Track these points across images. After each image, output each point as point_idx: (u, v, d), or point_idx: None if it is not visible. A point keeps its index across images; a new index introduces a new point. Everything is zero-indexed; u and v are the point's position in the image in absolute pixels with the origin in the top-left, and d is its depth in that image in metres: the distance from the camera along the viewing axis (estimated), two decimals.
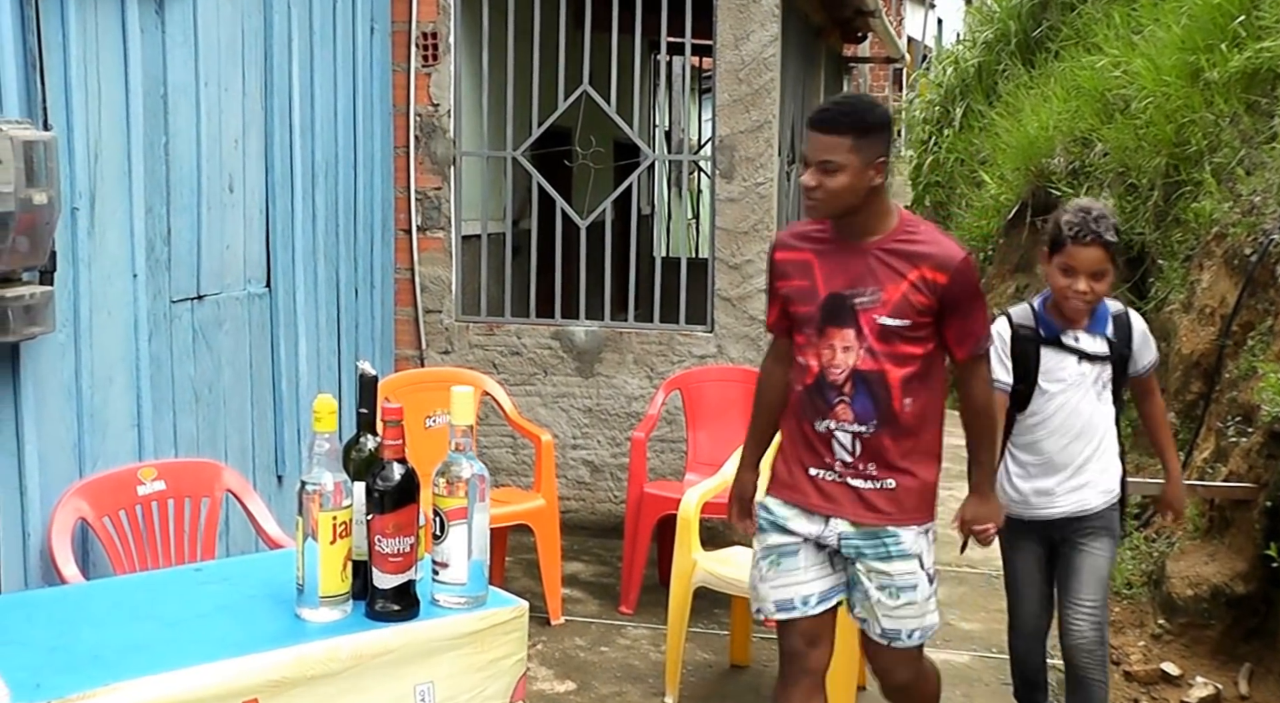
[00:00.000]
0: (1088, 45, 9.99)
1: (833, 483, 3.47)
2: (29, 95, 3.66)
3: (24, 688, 2.04)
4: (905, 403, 3.39)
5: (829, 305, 3.41)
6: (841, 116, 3.32)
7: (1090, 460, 3.95)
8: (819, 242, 3.48)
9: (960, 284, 3.37)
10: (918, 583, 3.48)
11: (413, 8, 6.32)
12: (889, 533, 3.43)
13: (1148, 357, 4.02)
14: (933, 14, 24.30)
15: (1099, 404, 3.94)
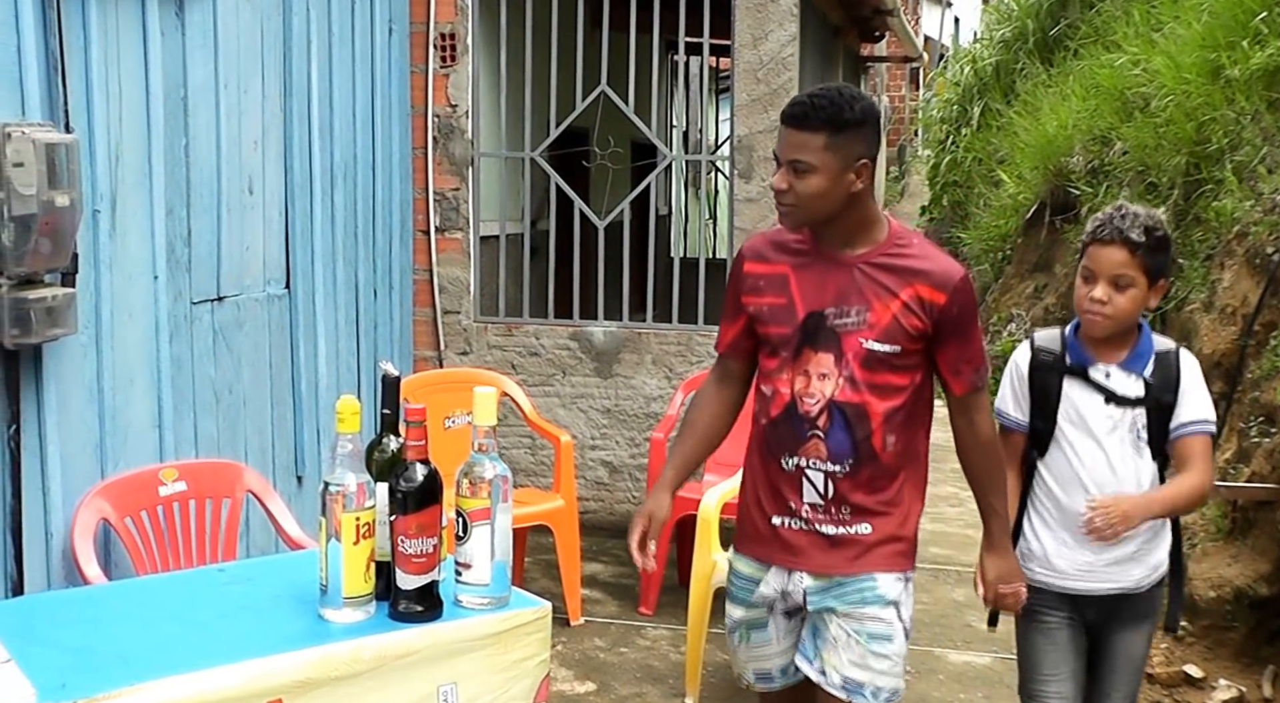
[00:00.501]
0: (1107, 43, 9.95)
1: (798, 532, 3.05)
2: (51, 98, 3.68)
3: (50, 688, 2.04)
4: (888, 441, 3.00)
5: (808, 326, 3.00)
6: (815, 110, 2.89)
7: (1136, 528, 3.23)
8: (797, 253, 3.06)
9: (959, 306, 2.98)
10: (893, 634, 3.04)
11: (431, 9, 6.33)
12: (865, 578, 3.02)
13: (1197, 411, 3.24)
14: (950, 12, 24.26)
15: (1139, 459, 3.25)
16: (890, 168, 22.44)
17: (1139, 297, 3.20)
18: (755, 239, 3.19)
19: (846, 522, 3.02)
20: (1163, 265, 3.20)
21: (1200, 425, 3.25)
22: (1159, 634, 5.42)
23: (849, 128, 2.89)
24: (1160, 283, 3.22)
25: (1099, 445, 3.26)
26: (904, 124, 22.65)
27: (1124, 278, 3.17)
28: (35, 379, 3.66)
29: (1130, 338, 3.27)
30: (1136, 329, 3.28)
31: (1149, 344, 3.28)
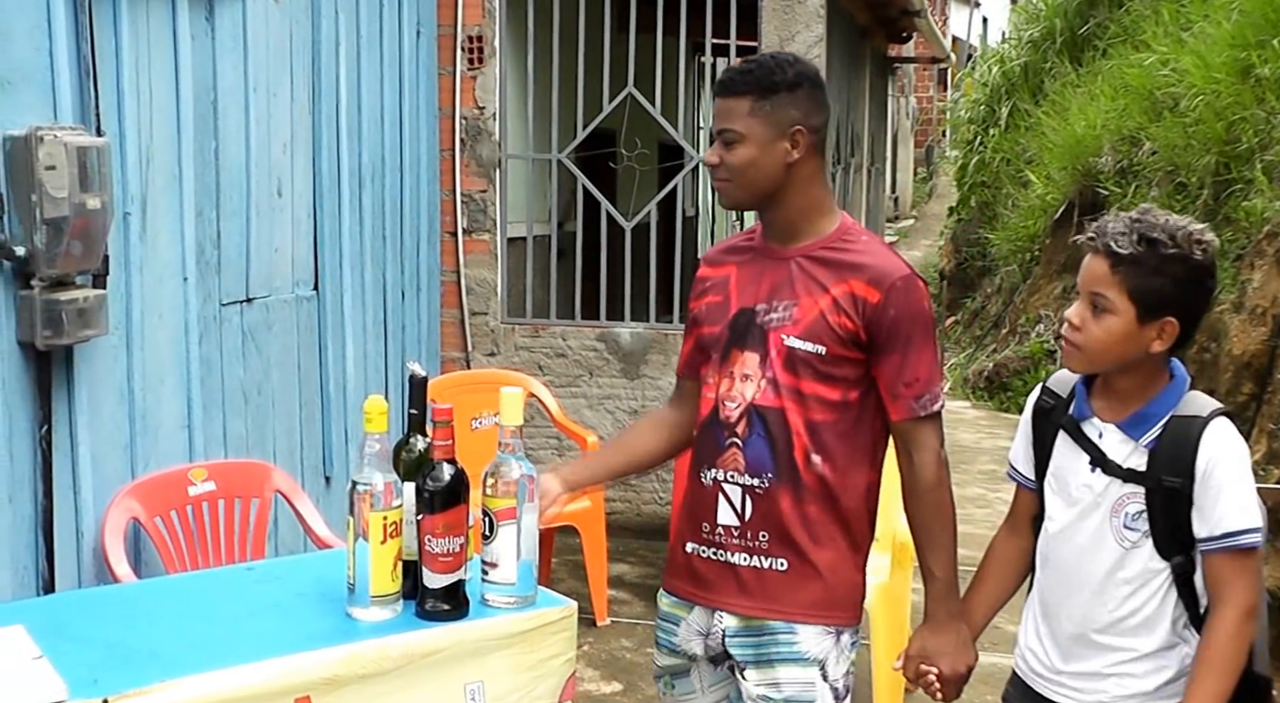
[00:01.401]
0: (1136, 43, 9.94)
1: (712, 562, 2.72)
2: (83, 102, 3.71)
3: (81, 684, 2.07)
4: (812, 460, 2.64)
5: (737, 323, 2.72)
6: (742, 75, 2.64)
7: (1112, 642, 2.53)
8: (743, 252, 2.82)
9: (898, 308, 2.61)
10: (814, 698, 2.66)
11: (458, 11, 6.36)
12: (785, 628, 2.67)
13: (1223, 518, 2.39)
14: (978, 13, 24.20)
15: (1127, 552, 2.49)
16: (918, 169, 22.41)
17: (1119, 329, 2.44)
18: (713, 247, 2.96)
19: (763, 551, 2.67)
20: (1163, 294, 2.41)
21: (1226, 541, 2.40)
22: None
23: (779, 91, 2.62)
24: (1161, 320, 2.42)
25: (1073, 522, 2.58)
26: (931, 125, 22.61)
27: (1101, 299, 2.45)
28: (67, 380, 3.69)
29: (1146, 389, 2.50)
30: (1163, 378, 2.51)
31: (1167, 403, 2.48)
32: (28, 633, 2.28)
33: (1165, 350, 2.46)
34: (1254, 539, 2.37)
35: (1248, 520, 2.38)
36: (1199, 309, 2.47)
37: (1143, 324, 2.42)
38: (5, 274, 3.45)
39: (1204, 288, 2.45)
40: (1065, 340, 2.53)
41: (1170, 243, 2.39)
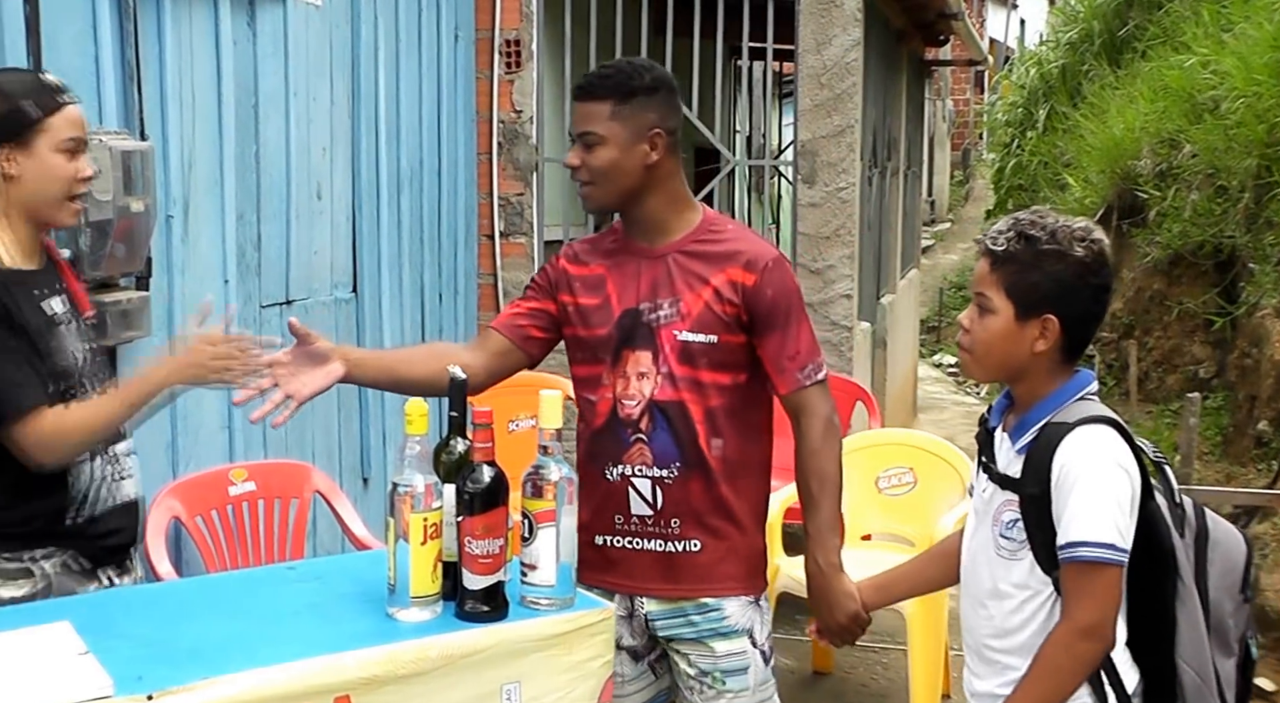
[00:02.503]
0: (1176, 44, 9.87)
1: (627, 551, 2.85)
2: (127, 106, 3.76)
3: (126, 680, 2.08)
4: (713, 444, 2.79)
5: (624, 323, 2.82)
6: (601, 80, 2.77)
7: (1002, 659, 2.45)
8: (610, 252, 2.91)
9: (773, 287, 2.77)
10: (749, 664, 2.86)
11: (496, 16, 6.38)
12: (709, 606, 2.84)
13: (1071, 527, 2.29)
14: (1015, 15, 24.09)
15: (1006, 562, 2.44)
16: (954, 172, 22.32)
17: (999, 329, 2.40)
18: (575, 243, 3.04)
19: (676, 536, 2.82)
20: (1040, 291, 2.36)
21: (1066, 551, 2.30)
22: None
23: (638, 95, 2.76)
24: (1041, 317, 2.37)
25: (972, 531, 2.57)
26: (968, 128, 22.52)
27: (983, 299, 2.43)
28: None
29: (1036, 395, 2.45)
30: (1053, 384, 2.43)
31: (1046, 408, 2.42)
32: (73, 629, 2.30)
33: (1052, 352, 2.40)
34: (1094, 554, 2.26)
35: (1088, 532, 2.27)
36: (1083, 308, 2.39)
37: (1021, 323, 2.39)
38: None
39: (1086, 285, 2.37)
40: (958, 345, 2.52)
41: (1047, 239, 2.36)
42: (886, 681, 5.04)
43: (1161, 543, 2.39)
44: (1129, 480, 2.32)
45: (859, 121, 6.29)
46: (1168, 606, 2.39)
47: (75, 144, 2.70)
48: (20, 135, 2.64)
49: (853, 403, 5.90)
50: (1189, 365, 8.31)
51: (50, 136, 2.66)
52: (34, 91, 2.67)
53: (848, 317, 6.24)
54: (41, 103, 2.66)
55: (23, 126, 2.64)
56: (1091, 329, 2.46)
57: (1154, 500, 2.41)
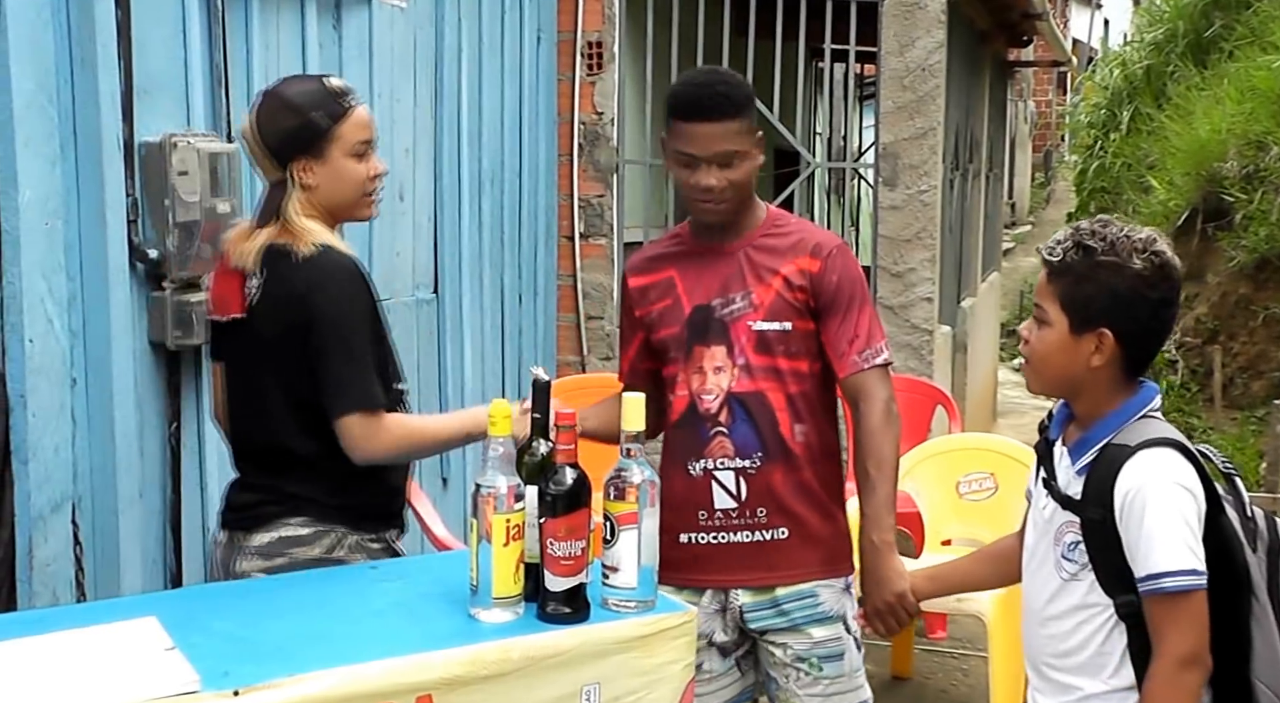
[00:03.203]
0: (1264, 44, 9.73)
1: (713, 545, 2.89)
2: (214, 109, 3.81)
3: (213, 676, 2.11)
4: (796, 430, 2.86)
5: (695, 320, 2.90)
6: (724, 97, 2.80)
7: (1063, 678, 2.42)
8: (678, 255, 2.99)
9: (837, 272, 2.86)
10: (844, 650, 2.92)
11: (578, 18, 6.40)
12: (806, 593, 2.89)
13: (1148, 560, 2.23)
14: (1099, 14, 23.80)
15: (1067, 584, 2.39)
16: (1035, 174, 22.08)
17: (1054, 341, 2.36)
18: (631, 259, 3.14)
19: (763, 525, 2.87)
20: (1095, 304, 2.31)
21: (1149, 584, 2.24)
22: None
23: (750, 105, 2.87)
24: (1096, 331, 2.31)
25: (1033, 546, 2.50)
26: (1050, 129, 22.27)
27: (1040, 311, 2.39)
28: (195, 379, 3.78)
29: (1095, 412, 2.38)
30: (1115, 401, 2.36)
31: (1107, 428, 2.34)
32: (160, 624, 2.33)
33: (1110, 367, 2.34)
34: (1180, 583, 2.21)
35: (1169, 562, 2.21)
36: (1142, 323, 2.32)
37: (1076, 336, 2.33)
38: (138, 276, 3.55)
39: (1145, 299, 2.30)
40: (1022, 357, 2.48)
41: (1105, 250, 2.29)
42: (967, 687, 5.00)
43: (1234, 559, 2.32)
44: (1194, 501, 2.26)
45: (941, 124, 6.24)
46: (1242, 624, 2.31)
47: (364, 146, 2.79)
48: (313, 146, 2.72)
49: (933, 407, 5.85)
50: (1275, 371, 8.18)
51: (341, 143, 2.74)
52: (321, 101, 2.74)
53: (928, 320, 6.19)
54: (329, 111, 2.73)
55: (315, 138, 2.72)
56: (1153, 345, 2.40)
57: (1224, 515, 2.33)
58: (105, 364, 3.40)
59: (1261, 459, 7.32)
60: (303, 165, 2.73)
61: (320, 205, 2.76)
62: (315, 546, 2.78)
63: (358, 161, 2.77)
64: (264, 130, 2.75)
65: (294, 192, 2.73)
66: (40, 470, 3.22)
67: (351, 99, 2.78)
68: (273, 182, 2.77)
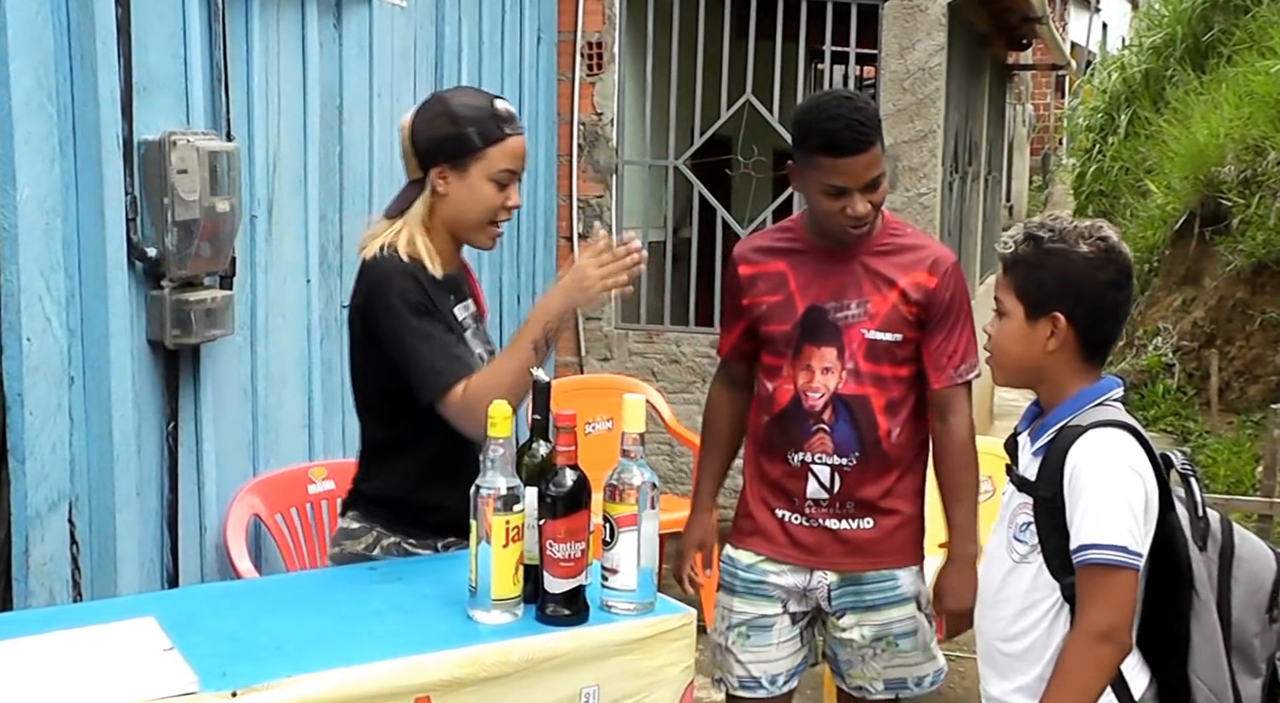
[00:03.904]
0: (1262, 49, 9.73)
1: (806, 528, 3.04)
2: (214, 108, 3.80)
3: (211, 676, 2.10)
4: (891, 432, 2.99)
5: (808, 321, 2.99)
6: (867, 126, 2.87)
7: (1009, 664, 2.46)
8: (790, 251, 3.06)
9: (949, 289, 2.98)
10: (917, 628, 3.09)
11: (579, 18, 6.40)
12: (885, 576, 3.06)
13: (1084, 530, 2.28)
14: (1098, 18, 23.81)
15: (1019, 566, 2.43)
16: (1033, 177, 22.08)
17: (1012, 330, 2.44)
18: (741, 246, 3.18)
19: (850, 515, 3.02)
20: (1046, 289, 2.39)
21: (1080, 555, 2.29)
22: None
23: (880, 126, 2.95)
24: (1049, 316, 2.39)
25: (993, 535, 2.55)
26: (1048, 132, 22.27)
27: (999, 304, 2.47)
28: (193, 379, 3.78)
29: (1055, 399, 2.45)
30: (1072, 387, 2.43)
31: (1064, 412, 2.41)
32: (158, 624, 2.32)
33: (1066, 352, 2.41)
34: (1105, 556, 2.25)
35: (1101, 535, 2.26)
36: (1092, 304, 2.39)
37: (1032, 323, 2.41)
38: (137, 275, 3.54)
39: (1094, 281, 2.38)
40: (986, 352, 2.56)
41: (1053, 238, 2.38)
42: (963, 690, 4.99)
43: (1176, 554, 2.36)
44: (1142, 485, 2.30)
45: (941, 127, 6.24)
46: (1181, 618, 2.35)
47: (508, 176, 2.79)
48: (458, 158, 2.74)
49: None
50: (1271, 375, 8.18)
51: (486, 166, 2.75)
52: (481, 119, 2.75)
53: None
54: (485, 133, 2.74)
55: (463, 152, 2.74)
56: (1107, 327, 2.46)
57: (1174, 512, 2.38)
58: (103, 363, 3.39)
59: (1258, 463, 7.33)
60: (441, 173, 2.76)
61: (444, 217, 2.80)
62: (360, 541, 2.85)
63: (496, 189, 2.78)
64: (418, 130, 2.79)
65: (425, 195, 2.78)
66: (37, 469, 3.21)
67: (511, 127, 2.79)
68: (412, 179, 2.82)
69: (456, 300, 2.87)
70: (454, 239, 2.85)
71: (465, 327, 2.87)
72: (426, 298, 2.73)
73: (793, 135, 3.01)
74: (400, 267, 2.72)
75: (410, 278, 2.72)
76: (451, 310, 2.83)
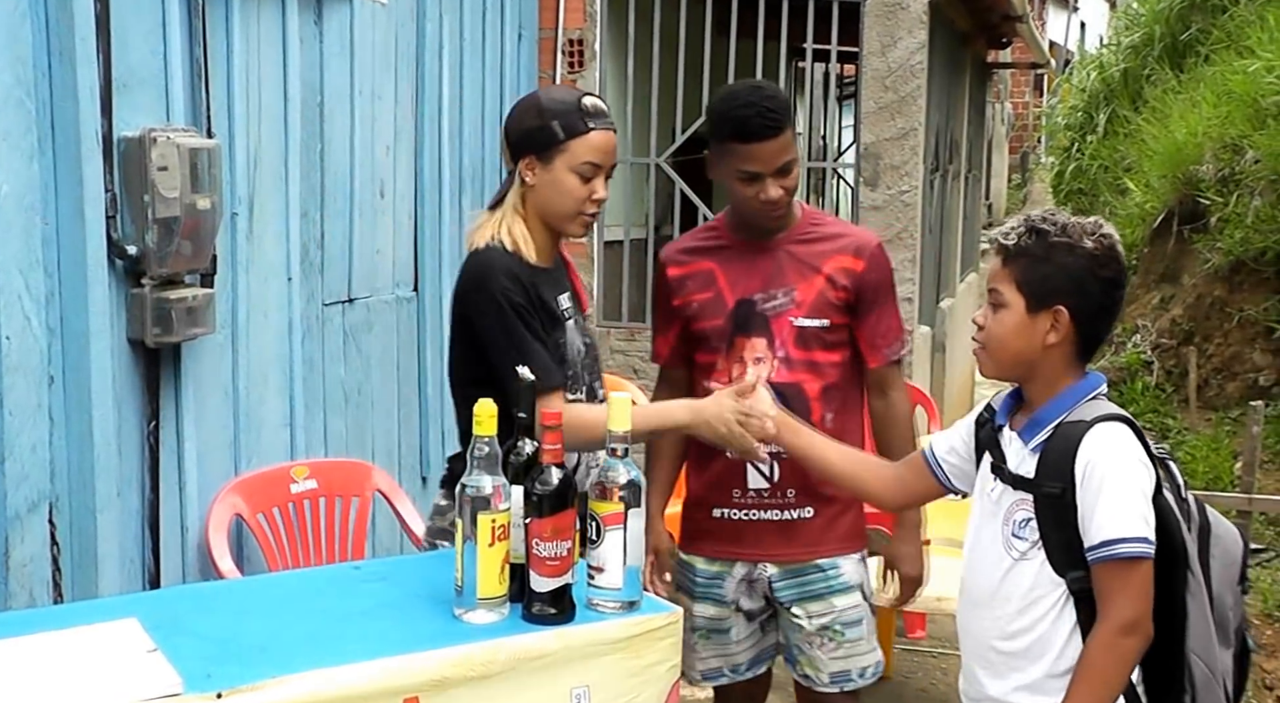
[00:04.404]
0: (1240, 48, 9.75)
1: (747, 522, 3.11)
2: (194, 104, 3.77)
3: (196, 678, 2.09)
4: (826, 418, 3.06)
5: (738, 314, 3.09)
6: (777, 112, 2.97)
7: (1011, 662, 2.46)
8: (716, 249, 3.16)
9: (877, 271, 3.09)
10: (863, 616, 3.16)
11: (560, 16, 6.37)
12: (828, 565, 3.12)
13: (1104, 526, 2.31)
14: (1076, 18, 23.89)
15: (1017, 564, 2.43)
16: (1012, 175, 22.14)
17: (1011, 322, 2.43)
18: (668, 250, 3.28)
19: (792, 505, 3.09)
20: (1049, 283, 2.40)
21: (1102, 551, 2.31)
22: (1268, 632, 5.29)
23: (790, 112, 3.05)
24: (1051, 309, 2.41)
25: (978, 532, 2.55)
26: (1027, 131, 22.33)
27: (995, 295, 2.47)
28: (174, 377, 3.75)
29: (1048, 393, 2.46)
30: (1065, 382, 2.45)
31: (1060, 407, 2.42)
32: (141, 626, 2.31)
33: (1064, 347, 2.43)
34: (1131, 550, 2.30)
35: (1124, 529, 2.29)
36: (1094, 300, 2.42)
37: (1033, 315, 2.42)
38: (117, 273, 3.51)
39: (1097, 278, 2.41)
40: (974, 342, 2.55)
41: (1058, 233, 2.40)
42: (946, 686, 4.99)
43: (1173, 536, 2.39)
44: (1149, 475, 2.36)
45: (922, 125, 6.23)
46: (1179, 598, 2.39)
47: (592, 169, 2.91)
48: (544, 150, 2.89)
49: (912, 407, 5.84)
50: (1249, 373, 8.20)
51: (568, 157, 2.88)
52: (566, 113, 2.89)
53: (908, 320, 6.19)
54: (568, 125, 2.87)
55: (547, 143, 2.88)
56: (1103, 325, 2.48)
57: (1163, 496, 2.41)
58: (83, 362, 3.36)
59: (1236, 459, 7.35)
60: (529, 163, 2.90)
61: (535, 206, 2.93)
62: (444, 518, 3.00)
63: (580, 181, 2.89)
64: (510, 123, 2.98)
65: (516, 185, 2.94)
66: (17, 470, 3.18)
67: (596, 122, 2.90)
68: (510, 170, 2.97)
69: (558, 291, 2.99)
70: (549, 229, 2.97)
71: (567, 316, 2.99)
72: (527, 297, 2.84)
73: (708, 125, 3.13)
74: (504, 262, 2.85)
75: (512, 276, 2.84)
76: (556, 299, 2.96)
